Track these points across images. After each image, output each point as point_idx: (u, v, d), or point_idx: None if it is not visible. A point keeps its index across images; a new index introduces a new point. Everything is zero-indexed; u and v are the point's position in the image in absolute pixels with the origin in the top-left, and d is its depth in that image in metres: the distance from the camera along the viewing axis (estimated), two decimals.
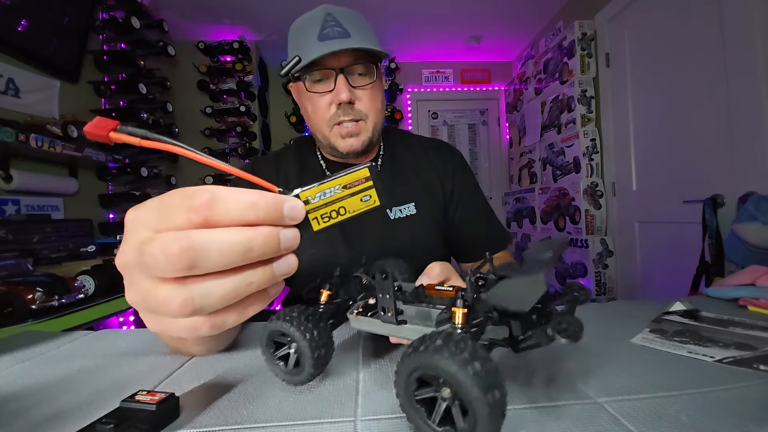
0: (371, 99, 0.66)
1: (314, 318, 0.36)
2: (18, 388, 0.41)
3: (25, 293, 1.15)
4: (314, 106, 0.66)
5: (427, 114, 3.68)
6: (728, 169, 1.50)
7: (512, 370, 0.40)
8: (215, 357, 0.48)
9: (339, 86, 0.62)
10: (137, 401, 0.32)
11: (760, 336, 0.46)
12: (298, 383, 0.37)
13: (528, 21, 2.93)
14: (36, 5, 1.76)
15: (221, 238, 0.20)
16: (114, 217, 2.25)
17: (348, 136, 0.67)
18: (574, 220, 2.31)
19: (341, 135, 0.67)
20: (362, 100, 0.65)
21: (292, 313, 0.35)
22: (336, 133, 0.67)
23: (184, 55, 2.83)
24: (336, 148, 0.69)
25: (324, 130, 0.67)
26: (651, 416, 0.30)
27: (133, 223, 0.22)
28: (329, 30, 0.61)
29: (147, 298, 0.21)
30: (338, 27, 0.62)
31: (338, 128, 0.66)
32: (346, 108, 0.64)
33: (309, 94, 0.65)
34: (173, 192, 0.22)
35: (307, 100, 0.67)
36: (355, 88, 0.64)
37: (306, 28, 0.63)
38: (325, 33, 0.61)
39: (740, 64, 1.45)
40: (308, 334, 0.35)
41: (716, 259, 1.34)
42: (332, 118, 0.65)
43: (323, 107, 0.65)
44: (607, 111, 2.22)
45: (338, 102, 0.64)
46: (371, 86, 0.66)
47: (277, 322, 0.35)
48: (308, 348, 0.34)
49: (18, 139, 1.45)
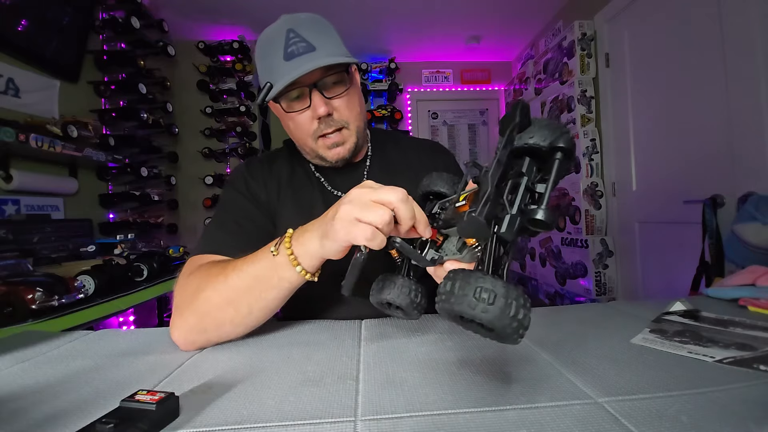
0: (348, 106, 0.66)
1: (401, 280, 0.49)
2: (18, 388, 0.41)
3: (25, 293, 1.14)
4: (295, 123, 0.66)
5: (427, 114, 3.68)
6: (728, 169, 1.50)
7: (512, 369, 0.40)
8: (215, 357, 0.48)
9: (315, 102, 0.63)
10: (137, 401, 0.32)
11: (760, 336, 0.46)
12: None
13: (528, 21, 2.93)
14: (36, 5, 1.76)
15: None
16: (114, 217, 2.25)
17: (334, 146, 0.67)
18: (574, 220, 2.31)
19: (327, 146, 0.67)
20: (339, 110, 0.66)
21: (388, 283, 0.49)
22: (322, 144, 0.67)
23: (184, 55, 2.83)
24: (325, 159, 0.69)
25: (310, 143, 0.68)
26: (651, 416, 0.30)
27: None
28: (293, 48, 0.61)
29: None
30: (302, 42, 0.61)
31: (323, 140, 0.67)
32: (326, 120, 0.65)
33: (289, 114, 0.65)
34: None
35: (288, 119, 0.67)
36: (331, 99, 0.64)
37: (270, 48, 0.63)
38: (289, 52, 0.61)
39: (740, 64, 1.45)
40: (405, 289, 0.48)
41: (716, 259, 1.34)
42: (315, 132, 0.66)
43: (305, 123, 0.65)
44: (607, 111, 2.23)
45: (317, 117, 0.64)
46: (346, 94, 0.66)
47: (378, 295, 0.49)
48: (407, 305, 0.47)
49: (18, 139, 1.45)
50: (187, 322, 0.52)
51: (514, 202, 0.29)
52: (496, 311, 0.26)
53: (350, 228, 0.42)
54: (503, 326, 0.26)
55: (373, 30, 3.02)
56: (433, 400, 0.35)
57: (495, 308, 0.26)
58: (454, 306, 0.27)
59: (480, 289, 0.26)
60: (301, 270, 0.49)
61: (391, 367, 0.42)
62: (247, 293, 0.51)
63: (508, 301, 0.26)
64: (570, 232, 2.35)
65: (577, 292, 2.29)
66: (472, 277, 0.27)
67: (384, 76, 3.36)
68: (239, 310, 0.51)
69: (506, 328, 0.26)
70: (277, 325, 0.61)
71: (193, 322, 0.52)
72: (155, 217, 2.48)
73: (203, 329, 0.52)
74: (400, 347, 0.49)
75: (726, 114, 1.51)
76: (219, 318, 0.51)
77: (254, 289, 0.51)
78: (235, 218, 0.67)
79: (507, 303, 0.26)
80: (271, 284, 0.50)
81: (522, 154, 0.31)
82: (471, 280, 0.27)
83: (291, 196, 0.72)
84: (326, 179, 0.74)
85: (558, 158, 0.30)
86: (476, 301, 0.26)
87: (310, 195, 0.72)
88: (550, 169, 0.30)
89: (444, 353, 0.46)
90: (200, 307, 0.51)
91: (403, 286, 0.48)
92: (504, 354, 0.45)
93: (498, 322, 0.26)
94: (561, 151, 0.29)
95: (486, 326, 0.28)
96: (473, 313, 0.26)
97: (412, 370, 0.42)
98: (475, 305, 0.26)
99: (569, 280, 2.35)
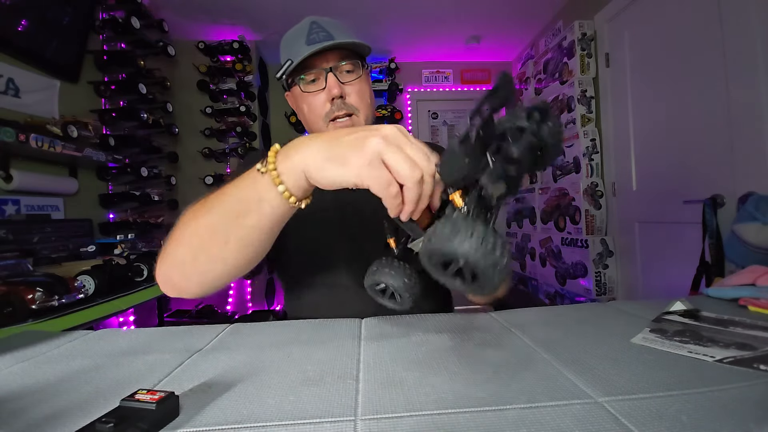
0: (360, 94, 0.72)
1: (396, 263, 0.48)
2: (18, 388, 0.41)
3: (25, 293, 1.14)
4: (309, 105, 0.71)
5: (427, 114, 3.68)
6: (728, 169, 1.50)
7: (512, 369, 0.40)
8: (215, 356, 0.48)
9: (330, 83, 0.69)
10: (137, 400, 0.32)
11: (760, 336, 0.46)
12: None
13: (528, 21, 2.93)
14: (36, 5, 1.76)
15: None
16: (114, 217, 2.25)
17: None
18: (574, 220, 2.31)
19: (336, 129, 0.72)
20: (351, 95, 0.71)
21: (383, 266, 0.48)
22: (332, 128, 0.71)
23: (184, 55, 2.83)
24: None
25: (321, 126, 0.72)
26: (651, 416, 0.30)
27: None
28: (315, 35, 0.68)
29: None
30: (323, 32, 0.69)
31: (333, 124, 0.71)
32: (338, 103, 0.70)
33: (304, 94, 0.71)
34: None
35: (303, 101, 0.72)
36: (345, 84, 0.70)
37: (295, 37, 0.70)
38: (311, 38, 0.68)
39: (740, 64, 1.45)
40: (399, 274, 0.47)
41: (716, 259, 1.33)
42: (327, 114, 0.70)
43: (318, 105, 0.71)
44: (607, 111, 2.22)
45: (331, 98, 0.69)
46: (359, 80, 0.72)
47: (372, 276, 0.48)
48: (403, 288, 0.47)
49: (18, 139, 1.45)
50: (166, 256, 0.49)
51: (491, 149, 0.32)
52: (484, 251, 0.28)
53: (371, 168, 0.36)
54: (487, 266, 0.28)
55: (373, 30, 3.02)
56: (433, 400, 0.35)
57: (483, 248, 0.28)
58: (444, 244, 0.29)
59: (471, 231, 0.28)
60: (284, 190, 0.41)
61: (391, 367, 0.42)
62: (225, 217, 0.44)
63: (496, 244, 0.28)
64: (570, 232, 2.35)
65: (577, 292, 2.29)
66: (461, 222, 0.29)
67: (384, 76, 3.36)
68: (215, 237, 0.45)
69: (489, 268, 0.28)
70: (276, 324, 0.61)
71: (170, 253, 0.48)
72: (155, 217, 2.48)
73: (180, 263, 0.48)
74: (400, 347, 0.49)
75: (726, 114, 1.51)
76: (194, 247, 0.46)
77: (232, 213, 0.44)
78: None
79: (494, 246, 0.28)
80: (250, 207, 0.43)
81: (503, 138, 0.33)
82: (462, 223, 0.29)
83: None
84: None
85: (535, 116, 0.32)
86: (466, 239, 0.28)
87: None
88: (529, 132, 0.32)
89: (444, 353, 0.46)
90: (177, 238, 0.47)
91: (399, 269, 0.47)
92: (504, 354, 0.45)
93: (483, 262, 0.28)
94: (537, 110, 0.32)
95: (470, 268, 0.29)
96: (462, 250, 0.28)
97: (412, 369, 0.42)
98: (463, 242, 0.28)
99: (569, 280, 2.35)
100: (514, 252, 3.20)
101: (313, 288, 0.75)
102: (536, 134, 0.32)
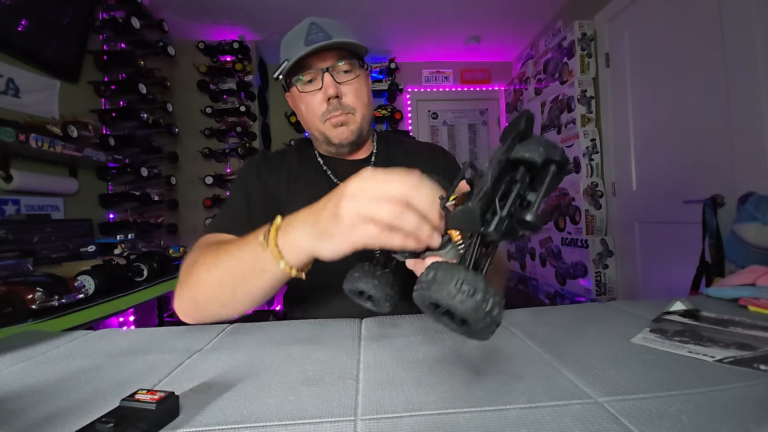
0: (356, 94, 0.72)
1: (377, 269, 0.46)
2: (18, 388, 0.41)
3: (25, 293, 1.14)
4: (307, 105, 0.72)
5: (427, 114, 3.68)
6: (728, 169, 1.50)
7: (512, 369, 0.40)
8: (215, 356, 0.48)
9: (326, 83, 0.69)
10: (137, 400, 0.32)
11: (760, 336, 0.46)
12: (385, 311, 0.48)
13: (528, 21, 2.93)
14: (36, 5, 1.76)
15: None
16: (114, 217, 2.25)
17: (339, 125, 0.73)
18: (574, 220, 2.31)
19: (333, 125, 0.73)
20: (348, 95, 0.72)
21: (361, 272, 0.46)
22: (329, 125, 0.73)
23: (184, 55, 2.83)
24: (330, 140, 0.74)
25: (318, 125, 0.73)
26: (651, 416, 0.30)
27: None
28: (314, 36, 0.69)
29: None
30: (322, 32, 0.69)
31: (329, 121, 0.73)
32: (334, 103, 0.71)
33: (302, 95, 0.72)
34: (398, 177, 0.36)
35: (301, 101, 0.73)
36: (341, 84, 0.71)
37: (294, 38, 0.71)
38: (310, 39, 0.68)
39: (740, 64, 1.45)
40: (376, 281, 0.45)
41: (716, 259, 1.33)
42: (324, 114, 0.72)
43: (316, 105, 0.72)
44: (607, 111, 2.22)
45: (327, 97, 0.70)
46: (356, 80, 0.72)
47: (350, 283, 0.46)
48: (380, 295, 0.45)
49: (18, 139, 1.45)
50: (183, 295, 0.55)
51: (505, 205, 0.31)
52: (474, 304, 0.27)
53: (355, 231, 0.36)
54: (477, 319, 0.27)
55: (373, 30, 3.02)
56: (433, 400, 0.35)
57: (473, 301, 0.27)
58: (433, 293, 0.28)
59: (461, 281, 0.28)
60: (285, 266, 0.44)
61: (391, 367, 0.42)
62: (233, 277, 0.49)
63: (486, 296, 0.27)
64: (570, 232, 2.35)
65: (577, 292, 2.29)
66: (455, 269, 0.29)
67: (384, 76, 3.36)
68: (225, 291, 0.51)
69: (480, 321, 0.27)
70: (277, 324, 0.61)
71: (187, 295, 0.55)
72: (155, 217, 2.48)
73: (196, 304, 0.54)
74: (400, 347, 0.49)
75: (726, 114, 1.51)
76: (208, 295, 0.53)
77: (239, 275, 0.49)
78: (246, 199, 0.73)
79: (485, 298, 0.27)
80: (254, 274, 0.47)
81: (517, 166, 0.32)
82: (453, 272, 0.28)
83: (299, 185, 0.77)
84: (333, 172, 0.79)
85: (552, 170, 0.31)
86: (456, 291, 0.27)
87: (317, 185, 0.76)
88: (543, 180, 0.31)
89: (444, 353, 0.46)
90: (193, 283, 0.54)
91: (380, 277, 0.47)
92: (504, 354, 0.45)
93: (474, 315, 0.27)
94: (555, 164, 0.31)
95: (460, 318, 0.29)
96: (451, 302, 0.28)
97: (412, 369, 0.42)
98: (454, 295, 0.27)
99: (569, 280, 2.35)
100: (514, 252, 3.20)
101: (313, 288, 0.75)
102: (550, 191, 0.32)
